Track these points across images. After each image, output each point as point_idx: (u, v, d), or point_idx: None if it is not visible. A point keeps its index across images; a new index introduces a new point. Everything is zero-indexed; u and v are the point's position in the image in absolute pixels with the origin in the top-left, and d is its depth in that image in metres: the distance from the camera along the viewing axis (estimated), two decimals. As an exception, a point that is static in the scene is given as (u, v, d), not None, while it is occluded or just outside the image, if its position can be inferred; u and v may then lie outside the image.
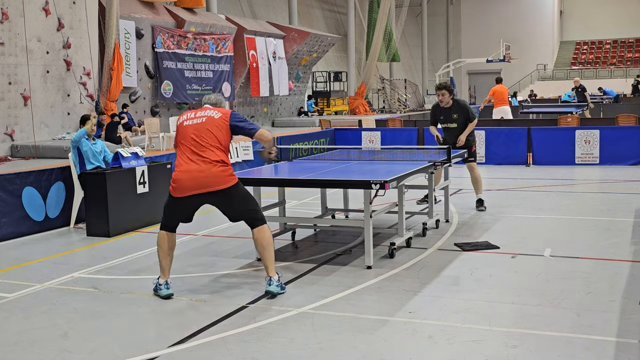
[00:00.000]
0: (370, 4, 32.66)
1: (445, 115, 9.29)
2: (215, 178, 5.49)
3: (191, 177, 5.49)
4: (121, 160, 8.69)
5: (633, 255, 6.60)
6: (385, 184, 6.04)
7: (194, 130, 5.59)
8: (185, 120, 5.70)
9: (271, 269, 5.61)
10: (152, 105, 19.67)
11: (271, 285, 5.54)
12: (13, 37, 14.23)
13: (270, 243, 5.64)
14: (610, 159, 14.04)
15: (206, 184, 5.49)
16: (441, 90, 9.21)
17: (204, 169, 5.47)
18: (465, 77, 50.72)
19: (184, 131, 5.64)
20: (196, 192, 5.52)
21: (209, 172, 5.48)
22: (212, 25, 21.32)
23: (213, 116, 5.63)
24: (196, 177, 5.48)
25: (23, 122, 14.59)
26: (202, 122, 5.61)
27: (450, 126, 9.29)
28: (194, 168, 5.49)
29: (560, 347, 4.34)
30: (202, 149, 5.52)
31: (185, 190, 5.54)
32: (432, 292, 5.59)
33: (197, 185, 5.50)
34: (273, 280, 5.56)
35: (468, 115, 9.26)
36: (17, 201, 8.40)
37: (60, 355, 4.45)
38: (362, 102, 31.18)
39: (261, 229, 5.64)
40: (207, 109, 5.77)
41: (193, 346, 4.55)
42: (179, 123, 5.78)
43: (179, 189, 5.58)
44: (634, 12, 49.43)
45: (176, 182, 5.57)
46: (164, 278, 5.70)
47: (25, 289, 6.04)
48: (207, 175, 5.48)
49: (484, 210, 9.21)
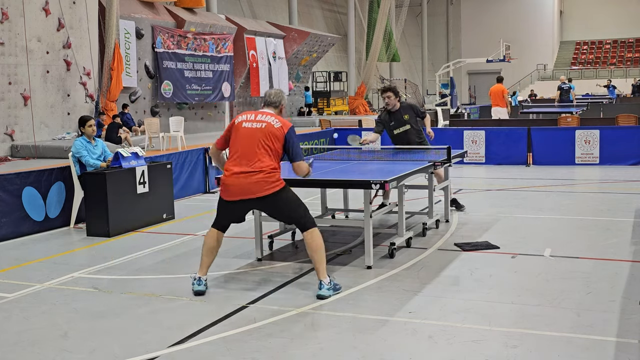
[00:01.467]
0: (370, 4, 32.66)
1: (396, 119, 8.85)
2: (259, 185, 5.50)
3: (238, 183, 5.52)
4: (121, 160, 8.69)
5: (633, 255, 6.60)
6: (385, 184, 6.04)
7: (251, 134, 5.55)
8: (245, 122, 5.64)
9: (321, 272, 5.57)
10: (152, 105, 19.68)
11: (322, 289, 5.51)
12: (13, 37, 14.23)
13: (319, 246, 5.60)
14: (610, 159, 14.04)
15: (251, 190, 5.52)
16: (386, 92, 8.76)
17: (250, 175, 5.49)
18: (465, 77, 50.73)
19: (240, 133, 5.61)
20: (242, 197, 5.57)
21: (254, 179, 5.49)
22: (212, 25, 21.32)
23: (272, 124, 5.57)
24: (242, 183, 5.50)
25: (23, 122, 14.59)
26: (260, 128, 5.55)
27: (402, 129, 8.87)
28: (242, 174, 5.50)
29: (560, 347, 4.34)
30: (253, 155, 5.52)
31: (231, 195, 5.59)
32: (432, 292, 5.59)
33: (242, 191, 5.54)
34: (324, 283, 5.52)
35: (417, 113, 8.90)
36: (17, 201, 8.40)
37: (60, 355, 4.45)
38: (362, 102, 31.20)
39: (309, 232, 5.64)
40: (267, 114, 5.67)
41: (193, 346, 4.55)
42: (237, 122, 5.70)
43: (226, 193, 5.63)
44: (634, 12, 49.44)
45: (224, 186, 5.61)
46: (199, 274, 5.73)
47: (25, 289, 6.03)
48: (251, 182, 5.49)
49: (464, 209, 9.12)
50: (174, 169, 10.63)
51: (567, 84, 25.88)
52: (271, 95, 5.86)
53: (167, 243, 7.82)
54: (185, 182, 11.37)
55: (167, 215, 9.27)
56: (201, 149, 12.04)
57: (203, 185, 11.93)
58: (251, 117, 5.68)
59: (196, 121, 21.40)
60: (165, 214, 9.24)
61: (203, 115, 21.86)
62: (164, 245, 7.70)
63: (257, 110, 5.79)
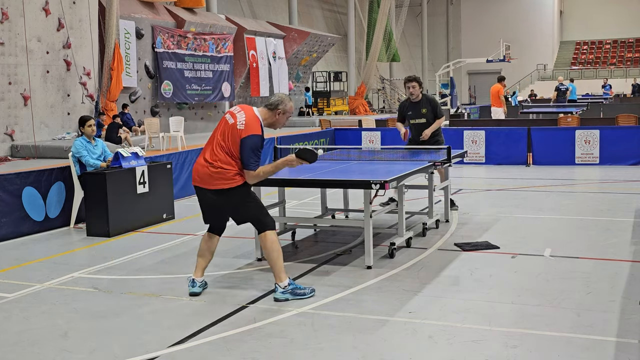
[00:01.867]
0: (370, 4, 32.67)
1: (414, 110, 9.12)
2: (213, 178, 5.48)
3: (199, 170, 5.57)
4: (121, 160, 8.69)
5: (633, 255, 6.60)
6: (385, 184, 6.04)
7: (221, 127, 5.57)
8: (228, 113, 5.65)
9: (276, 276, 5.52)
10: (152, 105, 19.68)
11: (276, 292, 5.48)
12: (13, 37, 14.23)
13: (273, 249, 5.49)
14: (610, 159, 14.04)
15: (206, 181, 5.53)
16: (411, 82, 8.99)
17: (209, 167, 5.49)
18: (465, 77, 50.74)
19: (219, 123, 5.66)
20: (200, 185, 5.59)
21: (210, 171, 5.49)
22: (212, 25, 21.32)
23: (237, 124, 5.43)
24: (203, 171, 5.53)
25: (23, 122, 14.59)
26: (229, 124, 5.49)
27: (418, 122, 9.11)
28: (204, 163, 5.54)
29: (560, 347, 4.34)
30: (214, 148, 5.51)
31: (195, 180, 5.65)
32: (432, 292, 5.59)
33: (201, 179, 5.57)
34: (278, 287, 5.48)
35: (436, 111, 9.10)
36: (17, 201, 8.40)
37: (60, 355, 4.45)
38: (362, 102, 31.20)
39: (263, 235, 5.55)
40: (247, 111, 5.52)
41: (193, 346, 4.55)
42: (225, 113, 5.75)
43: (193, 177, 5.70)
44: (634, 12, 49.44)
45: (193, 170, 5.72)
46: (194, 275, 5.74)
47: (25, 289, 6.03)
48: (208, 173, 5.50)
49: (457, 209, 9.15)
50: (174, 169, 10.63)
51: (565, 85, 26.01)
52: (274, 97, 5.76)
53: (167, 243, 7.82)
54: (185, 182, 11.37)
55: (167, 215, 9.27)
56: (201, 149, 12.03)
57: (203, 185, 11.91)
58: (234, 109, 5.63)
59: (196, 121, 21.40)
60: (165, 214, 9.24)
61: (203, 115, 21.87)
62: (164, 245, 7.71)
63: (246, 106, 5.74)
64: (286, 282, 5.49)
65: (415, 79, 9.07)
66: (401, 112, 9.34)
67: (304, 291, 5.53)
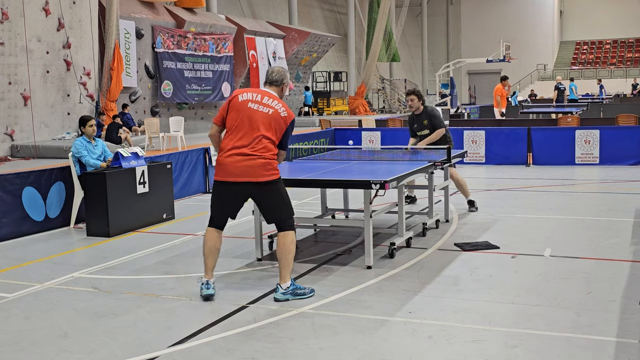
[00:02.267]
0: (370, 4, 32.66)
1: (418, 123, 9.17)
2: (259, 169, 5.35)
3: (237, 164, 5.35)
4: (121, 160, 8.69)
5: (633, 255, 6.60)
6: (385, 184, 6.03)
7: (256, 117, 5.39)
8: (250, 102, 5.45)
9: (283, 277, 5.48)
10: (152, 105, 19.68)
11: (277, 292, 5.47)
12: (13, 37, 14.23)
13: (291, 250, 5.48)
14: (610, 159, 14.04)
15: (249, 173, 5.35)
16: (410, 95, 9.07)
17: (251, 158, 5.35)
18: (465, 77, 50.75)
19: (244, 112, 5.41)
20: (238, 179, 5.38)
21: (254, 162, 5.35)
22: (212, 25, 21.32)
23: (279, 112, 5.45)
24: (242, 164, 5.35)
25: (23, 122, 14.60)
26: (268, 114, 5.41)
27: (423, 133, 9.16)
28: (242, 155, 5.35)
29: (560, 347, 4.34)
30: (255, 139, 5.37)
31: (228, 175, 5.40)
32: (432, 292, 5.59)
33: (240, 172, 5.36)
34: (280, 287, 5.47)
35: (434, 123, 9.06)
36: (17, 201, 8.40)
37: (60, 355, 4.45)
38: (362, 102, 31.19)
39: (286, 233, 5.52)
40: (273, 97, 5.53)
41: (193, 346, 4.55)
42: (240, 100, 5.48)
43: (223, 173, 5.42)
44: (634, 12, 49.46)
45: (222, 165, 5.42)
46: (206, 277, 5.59)
47: (25, 289, 6.03)
48: (250, 165, 5.34)
49: (475, 211, 9.18)
50: (174, 169, 10.64)
51: (564, 85, 26.12)
52: (273, 73, 5.70)
53: (167, 243, 7.82)
54: (185, 182, 11.37)
55: (167, 215, 9.27)
56: (201, 149, 12.04)
57: (203, 185, 11.93)
58: (256, 97, 5.47)
59: (196, 121, 21.40)
60: (165, 214, 9.24)
61: (203, 115, 21.87)
62: (164, 245, 7.70)
63: (260, 90, 5.60)
64: (288, 283, 5.48)
65: (414, 92, 9.12)
66: (410, 125, 9.41)
67: (304, 291, 5.52)
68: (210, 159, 12.18)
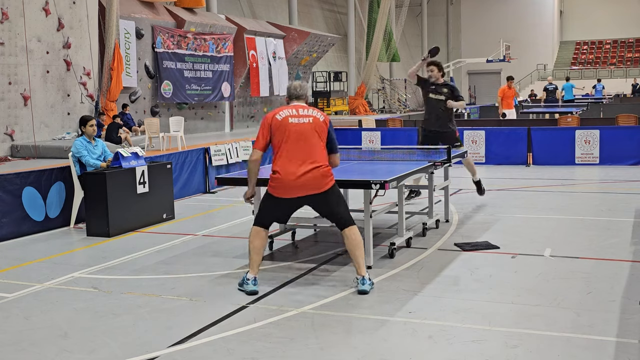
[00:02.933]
0: (370, 4, 32.64)
1: (435, 88, 9.15)
2: (322, 179, 5.58)
3: (301, 181, 5.52)
4: (121, 160, 8.69)
5: (633, 255, 6.60)
6: (385, 184, 6.04)
7: (303, 130, 5.57)
8: (291, 117, 5.60)
9: (363, 268, 5.66)
10: (152, 105, 19.67)
11: (364, 285, 5.59)
12: (13, 37, 14.23)
13: (360, 242, 5.71)
14: (610, 159, 14.04)
15: (314, 185, 5.56)
16: (430, 66, 9.13)
17: (311, 170, 5.53)
18: (465, 77, 50.73)
19: (290, 130, 5.56)
20: (304, 194, 5.58)
21: (317, 174, 5.55)
22: (212, 25, 21.32)
23: (318, 118, 5.67)
24: (303, 180, 5.52)
25: (23, 122, 14.60)
26: (310, 123, 5.61)
27: (437, 97, 9.10)
28: (301, 170, 5.51)
29: (560, 347, 4.34)
30: (310, 151, 5.55)
31: (292, 192, 5.58)
32: (432, 292, 5.59)
33: (306, 187, 5.55)
34: (365, 279, 5.62)
35: (455, 95, 9.11)
36: (17, 201, 8.40)
37: (60, 355, 4.45)
38: (362, 102, 31.17)
39: (351, 228, 5.71)
40: (306, 107, 5.73)
41: (193, 346, 4.55)
42: (280, 119, 5.60)
43: (283, 189, 5.57)
44: (634, 12, 49.44)
45: (283, 183, 5.55)
46: (253, 273, 5.71)
47: (25, 289, 6.04)
48: (315, 177, 5.54)
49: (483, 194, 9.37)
50: (174, 169, 10.63)
51: (553, 85, 26.20)
52: (297, 89, 5.86)
53: (167, 243, 7.82)
54: (185, 182, 11.37)
55: (167, 215, 9.27)
56: (201, 149, 12.04)
57: (203, 185, 11.93)
58: (293, 112, 5.64)
59: (196, 121, 21.39)
60: (165, 214, 9.24)
61: (203, 115, 21.85)
62: (163, 245, 7.70)
63: (293, 105, 5.75)
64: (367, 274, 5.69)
65: (434, 63, 9.19)
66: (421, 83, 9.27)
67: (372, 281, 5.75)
68: (211, 159, 12.18)
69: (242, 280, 5.78)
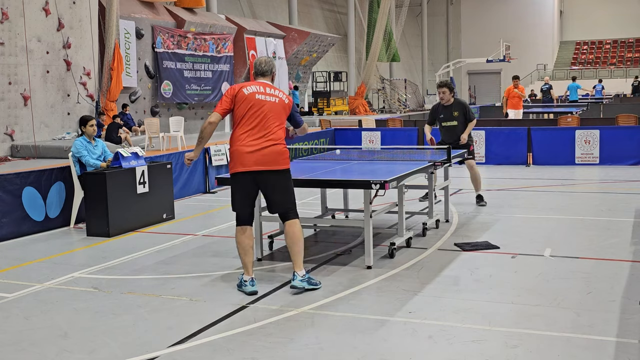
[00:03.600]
0: (370, 4, 32.65)
1: (446, 114, 9.47)
2: (279, 157, 5.62)
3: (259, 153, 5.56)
4: (121, 160, 8.69)
5: (633, 255, 6.60)
6: (385, 184, 6.04)
7: (267, 107, 5.64)
8: (257, 94, 5.66)
9: (299, 264, 5.70)
10: (152, 105, 19.67)
11: (295, 280, 5.64)
12: (13, 37, 14.23)
13: (301, 237, 5.74)
14: (610, 159, 14.04)
15: (271, 161, 5.58)
16: (442, 87, 9.41)
17: (271, 146, 5.59)
18: (465, 77, 50.74)
19: (255, 104, 5.62)
20: (260, 167, 5.56)
21: (276, 150, 5.60)
22: (212, 25, 21.31)
23: (283, 100, 5.78)
24: (263, 153, 5.56)
25: (23, 122, 14.59)
26: (275, 102, 5.70)
27: (450, 124, 9.47)
28: (262, 146, 5.57)
29: (560, 347, 4.34)
30: (271, 128, 5.62)
31: (249, 164, 5.57)
32: (432, 292, 5.59)
33: (263, 161, 5.57)
34: (298, 275, 5.66)
35: (467, 115, 9.47)
36: (17, 201, 8.40)
37: (60, 355, 4.45)
38: (362, 102, 31.17)
39: (293, 222, 5.73)
40: (274, 87, 5.82)
41: (193, 346, 4.55)
42: (247, 93, 5.64)
43: (240, 162, 5.59)
44: (634, 12, 49.44)
45: (242, 155, 5.57)
46: (248, 275, 5.74)
47: (25, 289, 6.03)
48: (273, 152, 5.58)
49: (485, 205, 9.33)
50: (174, 169, 10.63)
51: (548, 85, 26.32)
52: (262, 64, 5.88)
53: (167, 243, 7.82)
54: (185, 182, 11.37)
55: (167, 215, 9.27)
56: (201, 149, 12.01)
57: (203, 185, 11.93)
58: (260, 89, 5.70)
59: (196, 121, 21.39)
60: (165, 214, 9.24)
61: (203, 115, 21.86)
62: (163, 245, 7.70)
63: (260, 82, 5.80)
64: (304, 272, 5.70)
65: (446, 85, 9.44)
66: (432, 115, 9.67)
67: (316, 281, 5.76)
68: (211, 159, 12.18)
69: (240, 282, 5.80)
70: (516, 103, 19.04)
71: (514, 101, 19.03)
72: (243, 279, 5.75)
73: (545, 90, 26.16)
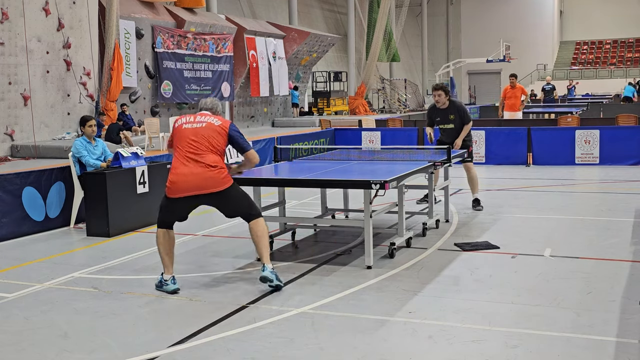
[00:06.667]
0: (370, 4, 32.64)
1: (442, 117, 9.38)
2: (210, 181, 5.69)
3: (186, 180, 5.68)
4: (121, 160, 8.69)
5: (633, 255, 6.60)
6: (385, 184, 6.04)
7: (193, 134, 5.77)
8: (185, 124, 5.88)
9: (266, 258, 5.77)
10: (152, 105, 19.67)
11: (265, 271, 5.68)
12: (13, 37, 14.23)
13: (264, 233, 5.83)
14: (610, 159, 14.04)
15: (201, 186, 5.69)
16: (437, 90, 9.32)
17: (200, 172, 5.67)
18: (465, 77, 50.76)
19: (182, 134, 5.83)
20: (191, 193, 5.72)
21: (205, 175, 5.67)
22: (212, 25, 21.31)
23: (213, 122, 5.85)
24: (191, 180, 5.67)
25: (23, 122, 14.59)
26: (202, 127, 5.81)
27: (447, 127, 9.40)
28: (190, 171, 5.68)
29: (560, 347, 4.34)
30: (199, 153, 5.71)
31: (180, 192, 5.73)
32: (432, 292, 5.59)
33: (192, 187, 5.70)
34: (267, 267, 5.70)
35: (464, 118, 9.35)
36: (17, 201, 8.40)
37: (60, 355, 4.45)
38: (362, 102, 31.16)
39: (254, 221, 5.84)
40: (205, 114, 5.96)
41: (193, 346, 4.55)
42: (177, 125, 5.95)
43: (174, 190, 5.76)
44: (634, 12, 49.45)
45: (172, 183, 5.76)
46: (169, 274, 5.83)
47: (25, 289, 6.04)
48: (203, 178, 5.67)
49: (481, 210, 9.23)
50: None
51: (550, 85, 26.31)
52: (207, 103, 6.18)
53: (167, 243, 7.81)
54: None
55: (167, 215, 9.26)
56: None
57: (203, 185, 11.90)
58: (190, 119, 5.93)
59: (196, 121, 21.42)
60: (165, 214, 9.23)
61: (203, 115, 21.89)
62: (164, 245, 7.69)
63: (196, 114, 6.03)
64: (272, 265, 5.78)
65: (441, 88, 9.36)
66: (430, 117, 9.63)
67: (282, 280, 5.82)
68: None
69: (159, 282, 5.86)
70: (514, 104, 17.63)
71: (511, 102, 17.62)
72: (163, 279, 5.82)
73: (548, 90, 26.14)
